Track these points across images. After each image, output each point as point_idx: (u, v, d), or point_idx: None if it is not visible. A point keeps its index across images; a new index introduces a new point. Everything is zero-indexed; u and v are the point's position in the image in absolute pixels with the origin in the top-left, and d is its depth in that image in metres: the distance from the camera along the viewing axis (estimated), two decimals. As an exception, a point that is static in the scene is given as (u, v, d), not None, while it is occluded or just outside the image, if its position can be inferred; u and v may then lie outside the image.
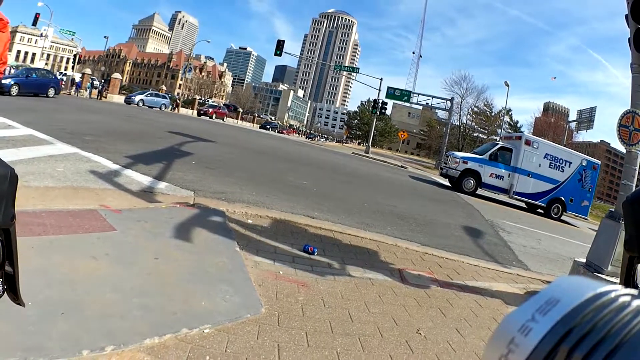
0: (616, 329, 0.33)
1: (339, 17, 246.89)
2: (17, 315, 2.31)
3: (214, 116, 49.25)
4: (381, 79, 43.19)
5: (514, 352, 0.35)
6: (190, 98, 66.20)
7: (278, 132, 66.64)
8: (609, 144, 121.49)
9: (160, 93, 44.77)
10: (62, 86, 31.59)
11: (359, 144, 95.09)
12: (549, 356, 0.33)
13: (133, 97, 38.47)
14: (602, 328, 0.33)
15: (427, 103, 46.86)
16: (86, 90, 39.36)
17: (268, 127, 65.41)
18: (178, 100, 51.71)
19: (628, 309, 0.35)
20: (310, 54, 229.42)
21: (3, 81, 19.24)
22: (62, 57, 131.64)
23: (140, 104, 37.43)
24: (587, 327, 0.34)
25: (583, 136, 73.40)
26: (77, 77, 42.46)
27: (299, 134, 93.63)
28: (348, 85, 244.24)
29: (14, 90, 20.85)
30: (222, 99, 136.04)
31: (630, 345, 0.32)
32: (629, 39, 5.62)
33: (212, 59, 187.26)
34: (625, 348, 0.32)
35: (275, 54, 38.80)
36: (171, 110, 44.68)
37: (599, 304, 0.35)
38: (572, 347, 0.33)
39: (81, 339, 2.31)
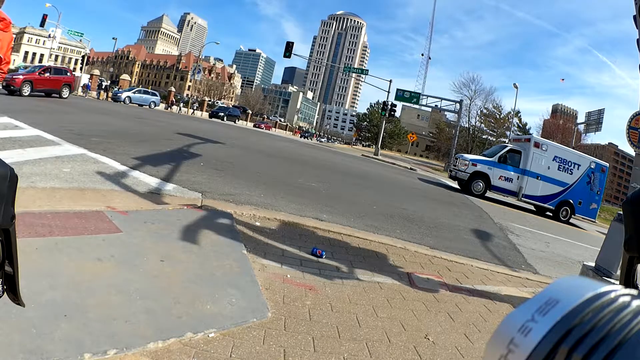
0: (616, 329, 0.33)
1: (348, 19, 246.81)
2: (19, 317, 2.29)
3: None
4: (390, 81, 43.01)
5: (514, 352, 0.35)
6: (199, 99, 66.08)
7: (255, 126, 55.88)
8: (617, 146, 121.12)
9: (149, 90, 42.36)
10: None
11: (364, 146, 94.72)
12: (549, 356, 0.34)
13: (119, 94, 36.85)
14: (602, 328, 0.34)
15: (436, 105, 46.63)
16: (101, 92, 39.34)
17: (221, 114, 48.70)
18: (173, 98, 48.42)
19: (628, 309, 0.35)
20: (320, 55, 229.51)
21: None
22: (70, 59, 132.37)
23: (127, 101, 35.99)
24: (587, 328, 0.34)
25: (591, 138, 73.02)
26: (85, 79, 42.45)
27: (306, 136, 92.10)
28: (357, 87, 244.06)
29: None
30: (231, 100, 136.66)
31: (630, 346, 0.32)
32: (638, 39, 5.54)
33: (221, 61, 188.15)
34: (625, 348, 0.32)
35: (285, 56, 38.63)
36: (166, 109, 43.03)
37: (598, 304, 0.36)
38: (572, 348, 0.33)
39: (84, 342, 2.28)
